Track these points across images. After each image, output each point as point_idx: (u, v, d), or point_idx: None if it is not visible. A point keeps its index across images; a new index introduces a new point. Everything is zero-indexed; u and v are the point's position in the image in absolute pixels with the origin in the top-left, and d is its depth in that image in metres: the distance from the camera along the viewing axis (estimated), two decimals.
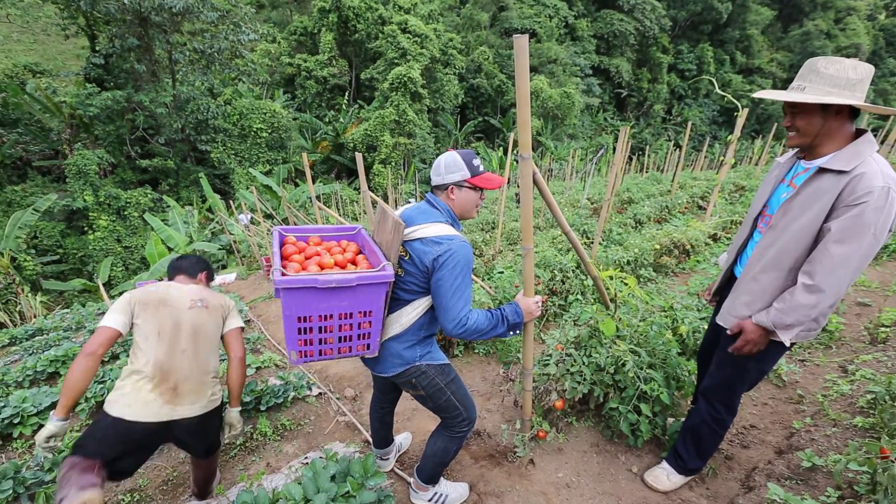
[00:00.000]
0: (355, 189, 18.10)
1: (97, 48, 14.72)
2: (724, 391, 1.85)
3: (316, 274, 1.54)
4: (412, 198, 15.56)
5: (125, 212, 13.82)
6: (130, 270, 13.38)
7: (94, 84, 14.30)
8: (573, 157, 13.59)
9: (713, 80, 4.19)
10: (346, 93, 23.74)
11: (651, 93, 34.08)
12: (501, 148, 23.52)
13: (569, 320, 3.47)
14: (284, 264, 1.68)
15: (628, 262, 4.72)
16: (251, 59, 18.15)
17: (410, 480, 2.16)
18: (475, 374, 3.37)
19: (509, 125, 25.00)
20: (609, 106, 33.95)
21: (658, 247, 5.10)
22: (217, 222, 13.39)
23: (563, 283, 4.16)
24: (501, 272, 4.83)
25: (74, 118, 14.46)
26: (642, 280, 4.84)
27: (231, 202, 13.09)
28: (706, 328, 2.21)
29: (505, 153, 21.55)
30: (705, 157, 18.15)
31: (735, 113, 4.52)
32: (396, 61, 20.54)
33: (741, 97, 31.36)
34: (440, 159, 1.69)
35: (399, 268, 1.67)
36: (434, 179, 1.70)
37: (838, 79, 1.41)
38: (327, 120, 21.62)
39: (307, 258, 1.76)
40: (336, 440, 2.73)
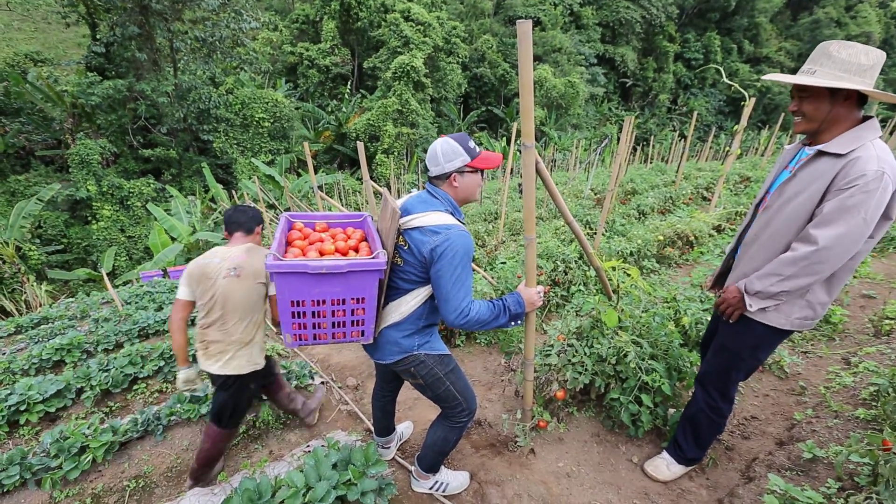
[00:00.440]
0: (358, 179, 18.04)
1: (98, 36, 14.60)
2: (719, 378, 1.86)
3: (307, 259, 1.55)
4: (414, 187, 15.52)
5: (128, 202, 13.84)
6: (134, 260, 13.44)
7: (96, 73, 14.20)
8: (577, 148, 13.47)
9: (720, 70, 4.10)
10: (349, 82, 23.55)
11: (656, 82, 33.64)
12: (505, 138, 23.34)
13: (571, 311, 3.47)
14: (287, 250, 1.71)
15: (631, 253, 4.70)
16: (253, 48, 18.00)
17: (412, 469, 2.18)
18: (476, 364, 3.38)
19: (513, 115, 24.78)
20: (614, 96, 33.57)
21: (661, 238, 5.07)
22: (220, 212, 13.40)
23: (566, 274, 4.15)
24: (504, 263, 4.82)
25: (76, 107, 14.42)
26: (645, 271, 4.82)
27: (234, 192, 13.07)
28: (710, 319, 2.21)
29: (508, 143, 21.40)
30: (710, 148, 17.97)
31: (742, 102, 4.44)
32: (399, 50, 20.33)
33: (748, 87, 30.93)
34: (435, 148, 1.63)
35: (398, 257, 1.66)
36: (433, 170, 1.65)
37: (850, 64, 1.38)
38: (329, 109, 21.47)
39: (310, 244, 1.77)
40: (338, 429, 2.75)
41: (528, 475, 2.21)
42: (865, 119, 1.46)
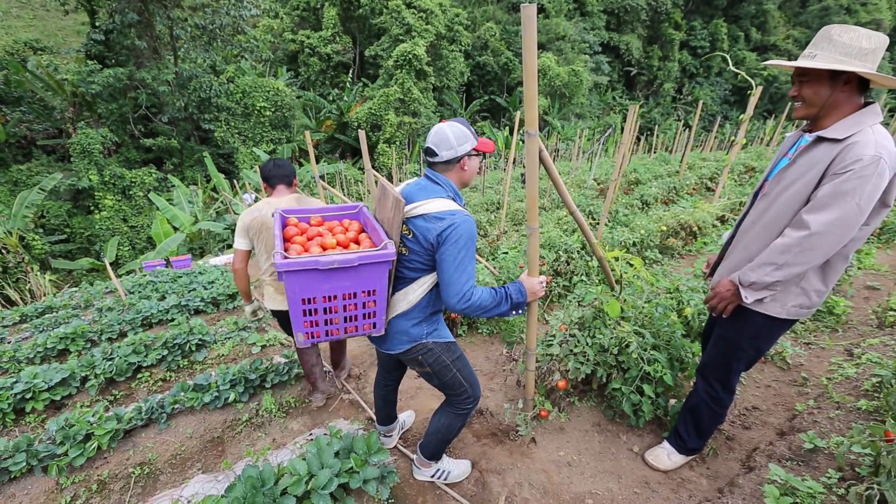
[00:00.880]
0: (360, 169, 17.98)
1: (97, 24, 14.47)
2: (720, 369, 1.86)
3: (317, 255, 1.53)
4: (416, 176, 15.47)
5: (130, 191, 13.84)
6: (137, 250, 13.48)
7: (96, 61, 14.11)
8: (580, 137, 13.37)
9: (726, 58, 4.04)
10: (350, 70, 23.33)
11: (661, 71, 33.20)
12: (507, 127, 23.17)
13: (573, 301, 3.46)
14: (287, 246, 1.67)
15: (634, 244, 4.67)
16: (253, 36, 17.81)
17: (413, 457, 2.20)
18: (479, 354, 3.39)
19: (516, 104, 24.55)
20: (618, 84, 33.18)
21: (665, 228, 5.04)
22: (221, 202, 13.38)
23: (568, 264, 4.13)
24: (506, 253, 4.80)
25: (77, 96, 14.35)
26: (648, 261, 4.80)
27: (235, 182, 13.05)
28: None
29: (511, 132, 21.25)
30: (715, 138, 17.80)
31: (748, 91, 4.38)
32: (401, 38, 20.10)
33: (755, 75, 30.53)
34: (446, 132, 1.60)
35: (403, 246, 1.65)
36: (443, 154, 1.62)
37: (850, 47, 1.36)
38: (331, 98, 21.30)
39: (309, 239, 1.74)
40: (340, 417, 2.76)
41: (530, 464, 2.22)
42: (867, 104, 1.43)
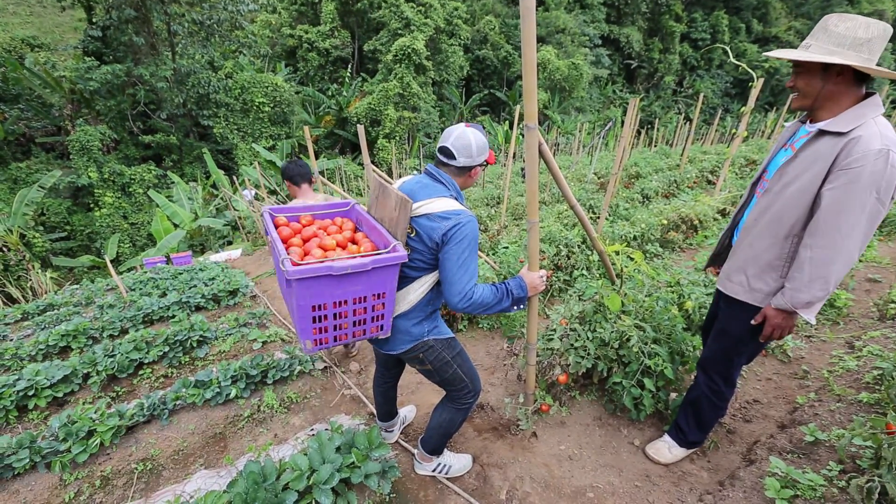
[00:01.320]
0: (359, 164, 17.91)
1: (94, 20, 14.37)
2: (721, 363, 1.85)
3: (330, 261, 1.46)
4: (415, 170, 15.37)
5: (130, 188, 13.80)
6: (137, 247, 13.48)
7: (93, 57, 14.02)
8: (580, 131, 13.29)
9: (727, 50, 3.99)
10: (349, 65, 23.20)
11: (662, 64, 32.96)
12: (507, 122, 23.04)
13: (574, 295, 3.46)
14: (285, 249, 1.59)
15: (635, 238, 4.67)
16: (251, 31, 17.70)
17: (415, 452, 2.20)
18: (479, 349, 3.39)
19: (515, 98, 24.42)
20: (618, 78, 32.96)
21: (665, 222, 5.03)
22: (221, 198, 13.36)
23: (569, 259, 4.13)
24: (506, 247, 4.79)
25: (75, 93, 14.28)
26: (649, 255, 4.79)
27: (235, 178, 13.01)
28: (710, 304, 2.19)
29: (511, 127, 21.14)
30: (716, 131, 17.71)
31: (750, 84, 4.35)
32: (400, 32, 19.95)
33: (756, 67, 30.31)
34: (470, 140, 1.59)
35: (406, 245, 1.64)
36: (462, 161, 1.61)
37: (845, 38, 1.33)
38: (330, 94, 21.18)
39: (305, 240, 1.68)
40: (342, 413, 2.77)
41: (531, 458, 2.23)
42: (868, 96, 1.41)
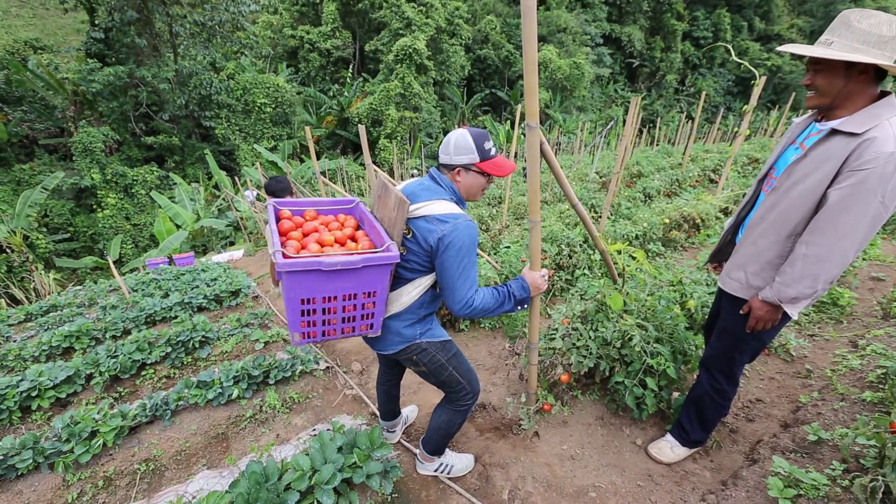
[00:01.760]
0: (361, 165, 17.92)
1: (96, 22, 14.42)
2: (724, 361, 1.85)
3: (320, 255, 1.48)
4: (416, 169, 15.33)
5: (132, 189, 13.85)
6: (140, 248, 13.53)
7: (96, 59, 14.08)
8: (582, 131, 13.28)
9: (730, 48, 3.97)
10: (351, 65, 23.23)
11: (664, 62, 32.90)
12: (509, 121, 23.03)
13: (575, 294, 3.45)
14: (283, 241, 1.61)
15: (637, 237, 4.65)
16: (253, 32, 17.74)
17: (416, 451, 2.20)
18: (481, 348, 3.39)
19: (517, 97, 24.40)
20: (620, 77, 32.91)
21: (667, 221, 5.01)
22: (223, 199, 13.39)
23: (571, 258, 4.12)
24: (508, 247, 4.78)
25: (78, 95, 14.34)
26: (651, 254, 4.78)
27: (237, 179, 13.04)
28: (713, 303, 2.18)
29: (512, 126, 21.14)
30: (718, 129, 17.67)
31: (752, 82, 4.33)
32: (401, 32, 19.97)
33: (758, 65, 30.23)
34: (451, 137, 1.59)
35: (402, 246, 1.63)
36: (442, 157, 1.63)
37: (869, 35, 1.30)
38: (331, 94, 21.22)
39: (305, 234, 1.69)
40: (343, 413, 2.77)
41: (533, 458, 2.22)
42: (883, 95, 1.39)
